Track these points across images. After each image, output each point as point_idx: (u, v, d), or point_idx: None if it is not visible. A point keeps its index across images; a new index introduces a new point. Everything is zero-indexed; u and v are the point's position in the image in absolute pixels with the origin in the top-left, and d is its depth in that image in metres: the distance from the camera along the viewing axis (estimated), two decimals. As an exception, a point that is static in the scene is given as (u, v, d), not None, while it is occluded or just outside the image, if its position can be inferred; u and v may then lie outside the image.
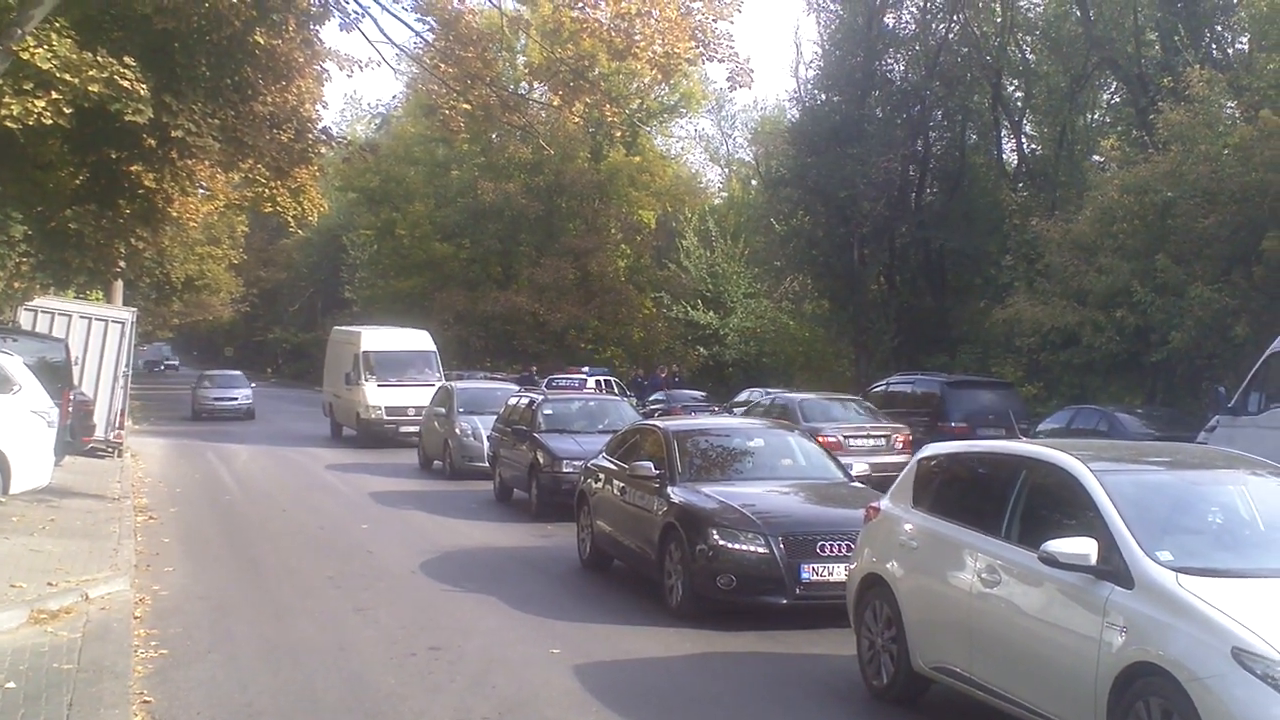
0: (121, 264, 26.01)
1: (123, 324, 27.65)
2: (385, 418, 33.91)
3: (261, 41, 18.78)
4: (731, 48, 19.91)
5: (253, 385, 47.74)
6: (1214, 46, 34.84)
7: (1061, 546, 7.32)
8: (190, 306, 71.95)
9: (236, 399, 47.08)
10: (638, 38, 19.71)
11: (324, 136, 23.35)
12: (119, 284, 37.15)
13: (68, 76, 15.62)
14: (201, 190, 30.69)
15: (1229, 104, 30.70)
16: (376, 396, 34.42)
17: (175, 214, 26.97)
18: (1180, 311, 26.99)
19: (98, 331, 27.07)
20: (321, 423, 39.93)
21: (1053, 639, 7.47)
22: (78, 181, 21.60)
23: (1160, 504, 7.81)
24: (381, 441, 33.32)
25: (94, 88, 15.75)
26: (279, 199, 24.23)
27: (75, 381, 23.41)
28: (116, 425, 27.05)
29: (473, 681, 9.71)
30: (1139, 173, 29.50)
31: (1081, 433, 24.10)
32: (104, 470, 23.57)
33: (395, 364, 35.68)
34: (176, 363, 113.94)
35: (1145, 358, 28.75)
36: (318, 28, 20.86)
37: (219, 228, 54.46)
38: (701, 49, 20.00)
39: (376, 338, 37.24)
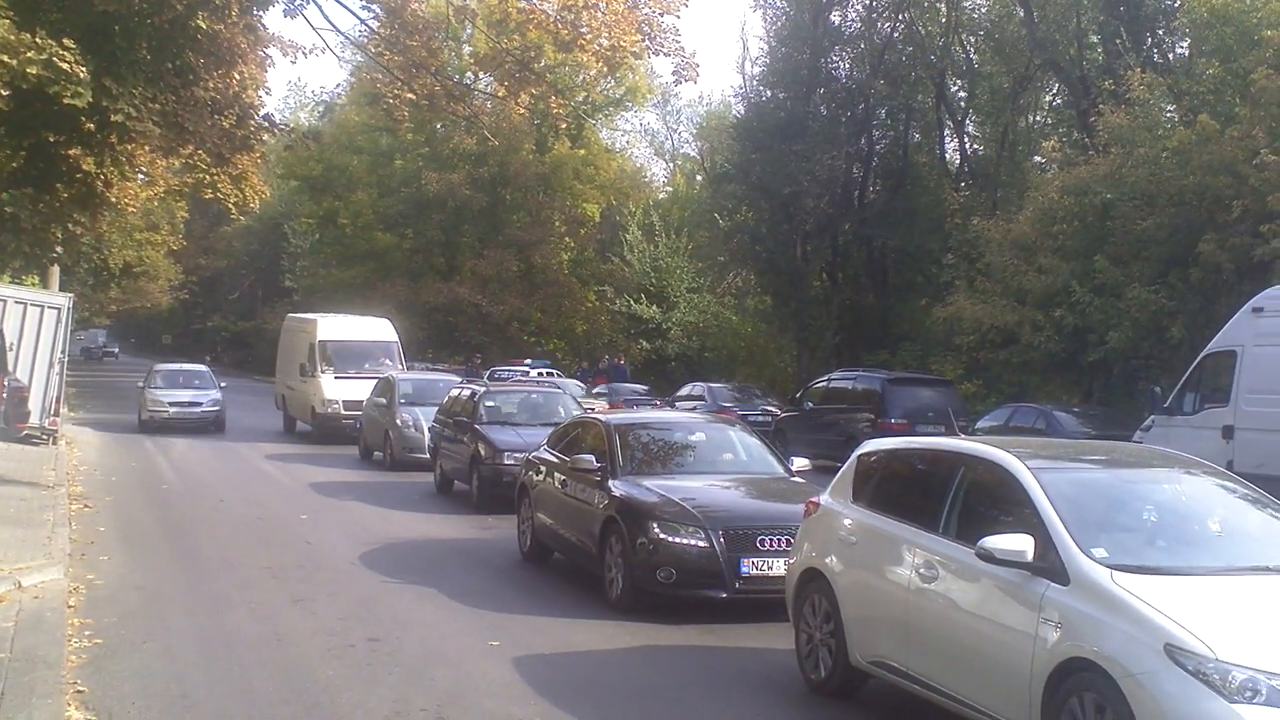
0: (58, 249, 25.66)
1: (59, 310, 27.22)
2: (343, 412, 31.62)
3: (204, 26, 18.55)
4: (678, 42, 19.96)
5: (222, 385, 36.33)
6: (1155, 51, 35.30)
7: (998, 543, 7.38)
8: (128, 293, 71.27)
9: (200, 405, 34.65)
10: (584, 30, 19.70)
11: (266, 123, 23.13)
12: (55, 269, 36.64)
13: (5, 58, 15.37)
14: (141, 176, 30.31)
15: (1168, 108, 31.15)
16: (333, 389, 32.31)
17: (114, 199, 26.62)
18: (1118, 312, 27.32)
19: (33, 317, 26.61)
20: (266, 414, 38.87)
21: (989, 634, 7.54)
22: (14, 165, 21.24)
23: (1096, 502, 7.89)
24: (338, 436, 31.34)
25: (32, 69, 15.51)
26: (220, 186, 23.96)
27: (10, 368, 23.06)
28: (52, 412, 26.67)
29: (411, 673, 9.67)
30: (1079, 174, 29.84)
31: (1019, 430, 24.35)
32: (38, 458, 23.26)
33: (353, 354, 33.76)
34: (115, 350, 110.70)
35: (1083, 357, 29.08)
36: (261, 13, 20.66)
37: (158, 214, 53.86)
38: (648, 43, 20.02)
39: (333, 326, 35.28)
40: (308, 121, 76.17)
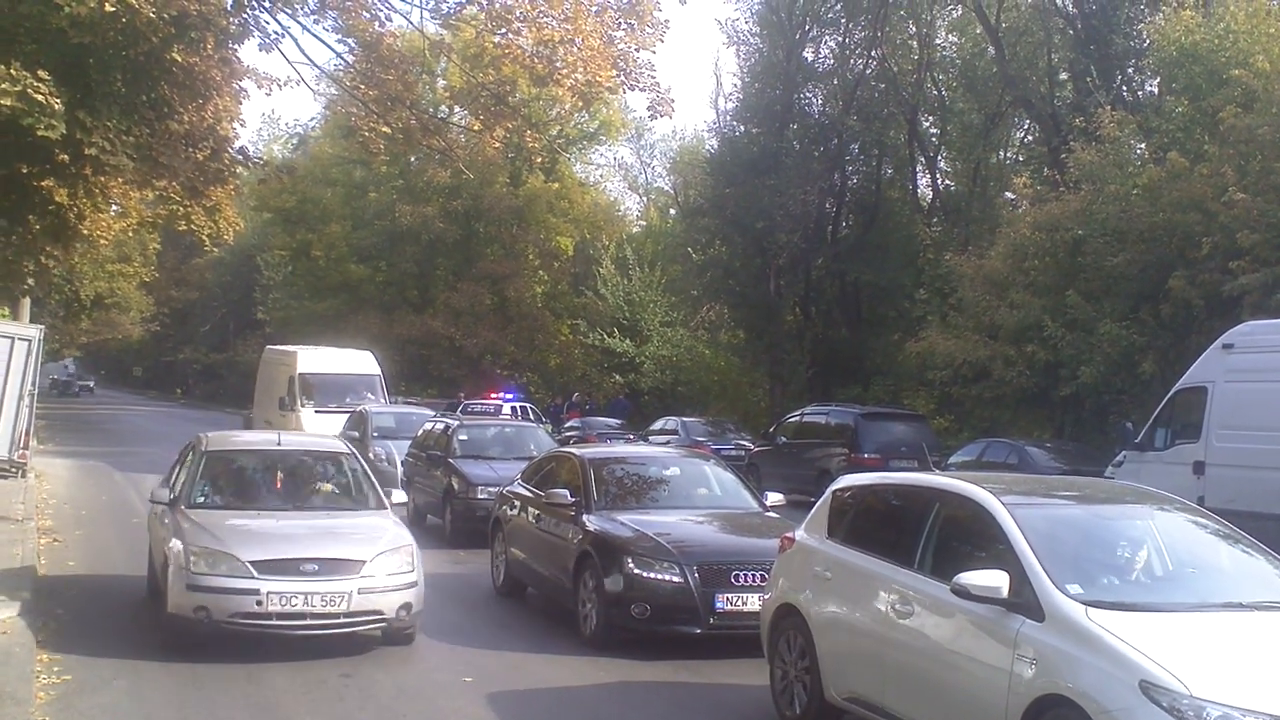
0: (30, 281, 25.46)
1: (29, 341, 26.96)
2: None
3: (179, 59, 18.50)
4: (653, 77, 20.07)
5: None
6: (1125, 89, 35.62)
7: (973, 579, 7.40)
8: (99, 325, 70.81)
9: None
10: (559, 65, 19.77)
11: (240, 156, 23.09)
12: (26, 301, 36.39)
13: (-22, 89, 15.32)
14: (114, 208, 30.18)
15: (1138, 145, 31.38)
16: (314, 424, 30.66)
17: (86, 231, 26.46)
18: (1089, 347, 27.45)
19: (2, 349, 26.37)
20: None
21: (964, 670, 7.55)
22: (-13, 197, 21.16)
23: (1070, 538, 7.94)
24: None
25: (5, 101, 15.45)
26: (193, 217, 23.89)
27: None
28: (21, 445, 26.41)
29: (384, 710, 9.61)
30: (1050, 210, 30.01)
31: (992, 465, 24.41)
32: (7, 491, 23.00)
33: (335, 388, 32.92)
34: (91, 383, 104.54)
35: (1055, 392, 29.19)
36: (237, 46, 20.61)
37: (130, 245, 53.59)
38: (623, 78, 20.10)
39: (314, 359, 34.46)
40: (281, 154, 76.10)
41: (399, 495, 14.14)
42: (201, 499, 12.59)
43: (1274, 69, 26.43)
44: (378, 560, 11.37)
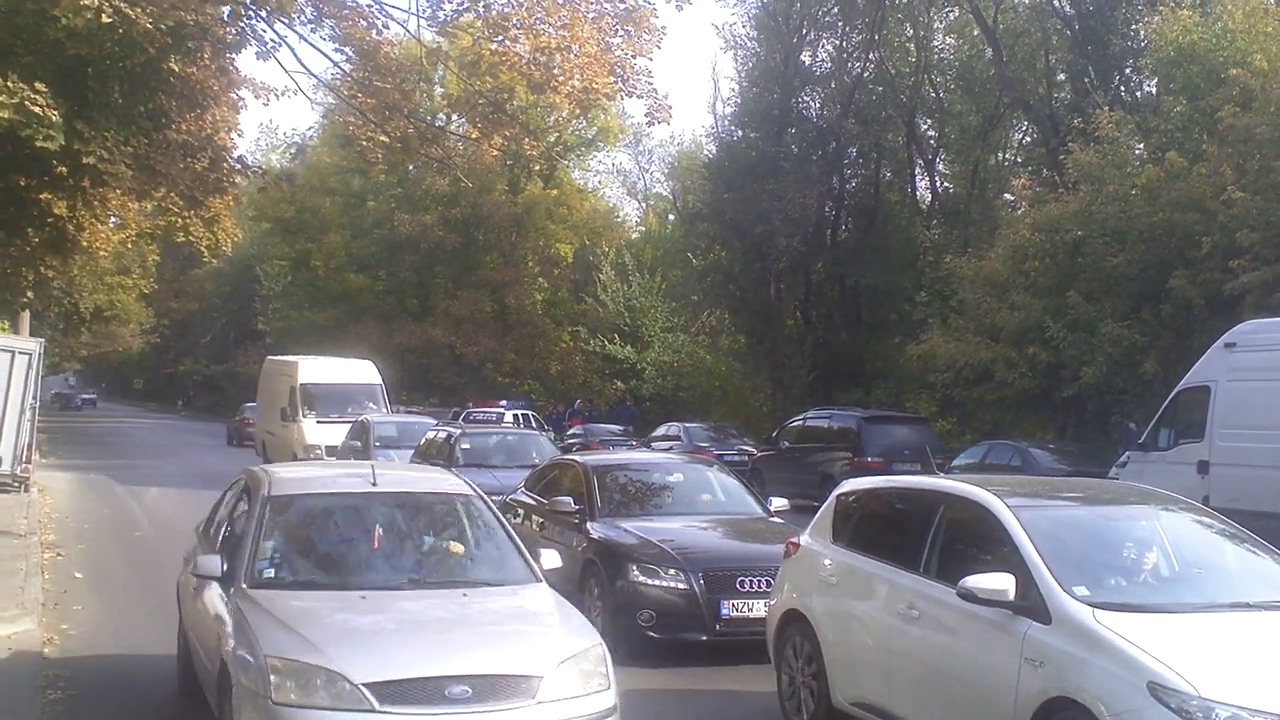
0: (29, 293, 25.45)
1: (30, 355, 26.93)
2: (325, 458, 29.62)
3: (176, 69, 18.53)
4: (650, 84, 20.07)
5: None
6: (1123, 89, 35.62)
7: (980, 582, 7.38)
8: (99, 337, 70.82)
9: None
10: (557, 72, 19.76)
11: (239, 166, 23.10)
12: (26, 314, 36.36)
13: (-23, 103, 15.34)
14: (113, 219, 30.18)
15: (1137, 145, 31.38)
16: (315, 434, 31.01)
17: (85, 243, 26.48)
18: (1091, 348, 27.44)
19: (3, 363, 26.34)
20: (245, 460, 38.43)
21: (971, 674, 7.53)
22: (-15, 209, 21.18)
23: (1076, 540, 7.91)
24: None
25: (3, 114, 15.47)
26: (192, 228, 23.88)
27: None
28: (23, 459, 26.37)
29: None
30: (1049, 211, 30.01)
31: (995, 468, 24.39)
32: (10, 506, 22.98)
33: (336, 398, 32.58)
34: (94, 397, 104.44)
35: (1057, 393, 29.17)
36: (234, 56, 20.64)
37: (129, 257, 53.57)
38: (620, 85, 20.10)
39: (315, 369, 34.34)
40: (280, 163, 76.06)
41: (551, 557, 9.12)
42: (271, 572, 8.42)
43: (1271, 68, 26.43)
44: (560, 673, 7.44)
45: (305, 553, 8.79)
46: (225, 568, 8.36)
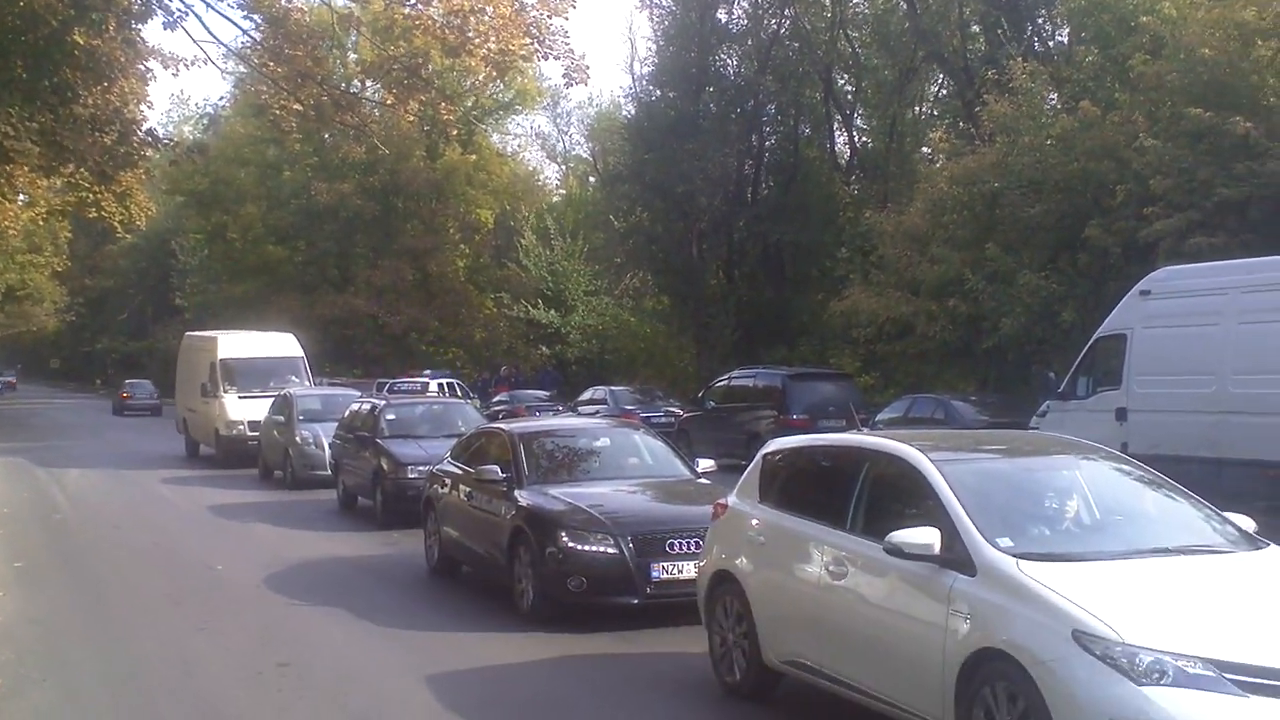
0: (-63, 276, 24.89)
1: (-59, 339, 26.46)
2: (248, 433, 30.11)
3: (81, 41, 18.17)
4: (567, 44, 19.99)
5: None
6: (1036, 39, 35.93)
7: (905, 537, 7.42)
8: (12, 317, 69.62)
9: None
10: (471, 35, 19.60)
11: (149, 138, 22.76)
12: (-65, 297, 35.61)
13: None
14: (21, 197, 29.57)
15: (1051, 95, 31.68)
16: (237, 410, 30.90)
17: (-7, 222, 25.98)
18: (1010, 299, 27.72)
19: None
20: (164, 438, 37.96)
21: (900, 628, 7.58)
22: (-113, 192, 20.69)
23: (999, 492, 7.98)
24: (243, 459, 29.74)
25: (-99, 93, 15.10)
26: (103, 204, 23.47)
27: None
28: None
29: (324, 697, 9.51)
30: (966, 164, 30.27)
31: (918, 421, 24.61)
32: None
33: (257, 372, 32.21)
34: (13, 379, 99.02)
35: (977, 345, 29.49)
36: (140, 26, 20.31)
37: (41, 235, 52.68)
38: (537, 46, 19.99)
39: (235, 343, 33.97)
40: (192, 134, 74.81)
41: None
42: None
43: (1181, 15, 26.72)
44: None
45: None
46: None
